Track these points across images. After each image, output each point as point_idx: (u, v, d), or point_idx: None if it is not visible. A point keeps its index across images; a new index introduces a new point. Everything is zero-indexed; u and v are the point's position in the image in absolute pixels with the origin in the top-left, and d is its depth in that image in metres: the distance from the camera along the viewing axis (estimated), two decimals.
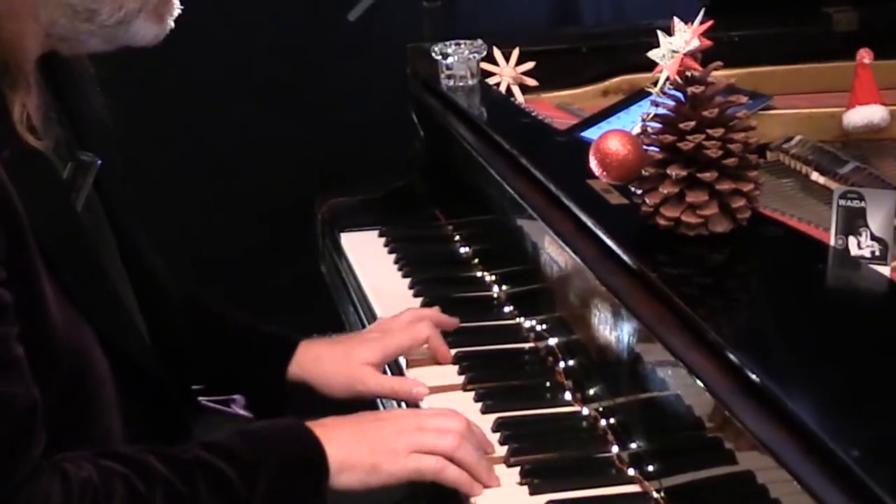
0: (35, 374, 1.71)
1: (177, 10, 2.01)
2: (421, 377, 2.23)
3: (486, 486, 1.91)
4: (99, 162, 2.00)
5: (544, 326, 2.33)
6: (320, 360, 2.25)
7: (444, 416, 1.99)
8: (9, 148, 1.76)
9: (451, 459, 1.91)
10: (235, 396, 2.36)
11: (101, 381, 1.88)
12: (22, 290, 1.72)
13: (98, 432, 1.87)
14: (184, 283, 2.33)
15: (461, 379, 2.22)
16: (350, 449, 1.90)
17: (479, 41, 2.95)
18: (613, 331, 1.98)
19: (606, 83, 3.06)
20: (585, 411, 2.09)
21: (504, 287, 2.57)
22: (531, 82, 2.95)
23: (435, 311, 2.40)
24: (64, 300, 1.82)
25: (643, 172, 1.98)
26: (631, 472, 1.90)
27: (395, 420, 2.01)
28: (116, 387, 1.91)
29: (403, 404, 2.23)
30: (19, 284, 1.72)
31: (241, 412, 2.34)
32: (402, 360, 2.32)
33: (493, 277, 2.62)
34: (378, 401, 2.34)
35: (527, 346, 2.35)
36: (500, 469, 1.95)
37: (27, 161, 1.81)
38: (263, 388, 2.30)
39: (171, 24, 2.01)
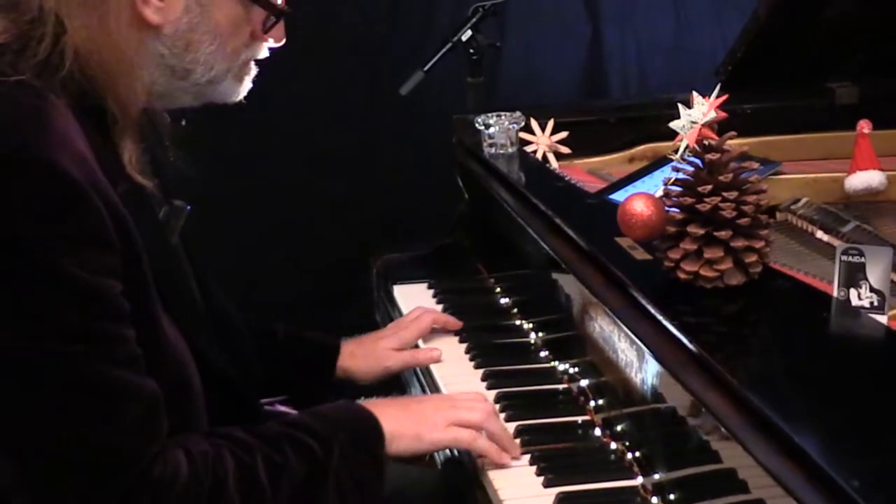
0: (151, 376, 1.80)
1: (254, 71, 2.06)
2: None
3: (510, 455, 2.07)
4: (188, 207, 2.05)
5: (576, 369, 2.33)
6: (354, 355, 2.46)
7: (473, 398, 2.15)
8: (124, 183, 1.82)
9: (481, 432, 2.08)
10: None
11: (197, 391, 1.93)
12: (139, 305, 1.79)
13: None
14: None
15: (502, 416, 2.21)
16: (398, 421, 2.03)
17: (518, 113, 2.95)
18: (638, 373, 1.98)
19: (632, 151, 3.05)
20: (613, 445, 2.09)
21: (540, 334, 2.56)
22: (565, 150, 2.95)
23: (438, 312, 2.67)
24: (167, 318, 1.88)
25: (665, 231, 1.99)
26: (654, 500, 1.90)
27: (433, 400, 2.23)
28: (207, 397, 1.96)
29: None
30: (136, 297, 1.78)
31: (283, 408, 2.38)
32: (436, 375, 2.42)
33: (531, 325, 2.61)
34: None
35: (560, 387, 2.34)
36: (539, 495, 1.96)
37: (135, 197, 1.86)
38: (314, 387, 2.45)
39: (250, 84, 2.06)
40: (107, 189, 1.75)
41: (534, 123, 2.96)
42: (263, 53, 2.06)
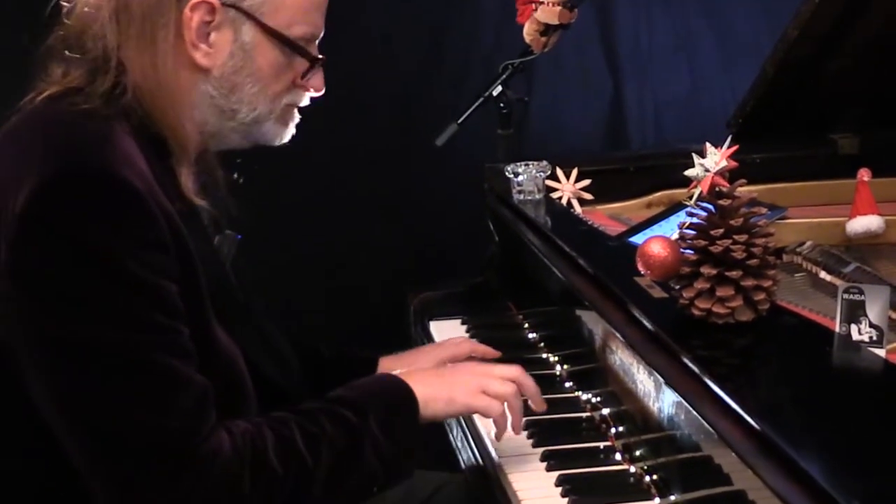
0: (203, 374, 1.84)
1: (297, 117, 2.09)
2: (502, 445, 2.22)
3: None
4: (239, 237, 2.08)
5: (598, 399, 2.33)
6: (391, 370, 2.35)
7: (506, 366, 2.16)
8: (179, 202, 1.88)
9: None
10: None
11: (249, 394, 1.97)
12: (192, 308, 1.84)
13: None
14: None
15: (530, 442, 2.23)
16: (432, 386, 2.06)
17: (545, 162, 2.95)
18: (656, 402, 1.98)
19: (650, 197, 3.05)
20: (632, 469, 2.09)
21: (565, 366, 2.56)
22: (587, 196, 2.95)
23: (478, 343, 2.53)
24: (219, 326, 1.92)
25: (681, 271, 2.00)
26: None
27: (467, 367, 2.24)
28: (259, 401, 1.99)
29: None
30: (190, 301, 1.84)
31: None
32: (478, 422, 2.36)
33: (556, 358, 2.61)
34: None
35: (584, 415, 2.34)
36: None
37: (190, 218, 1.92)
38: None
39: (294, 129, 2.09)
40: (165, 203, 1.82)
41: (559, 172, 2.97)
42: (305, 101, 2.08)
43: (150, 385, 1.78)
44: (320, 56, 2.04)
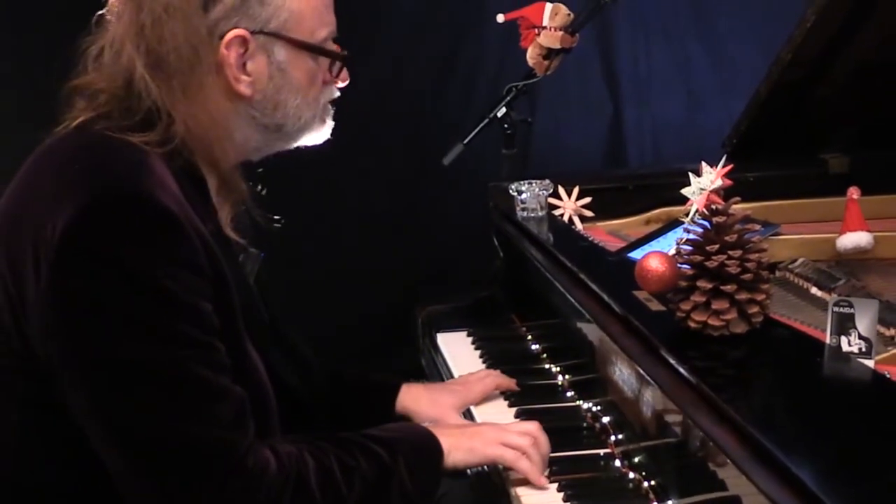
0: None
1: (332, 110, 2.08)
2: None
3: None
4: (262, 255, 2.09)
5: (598, 408, 2.32)
6: (419, 401, 2.39)
7: (526, 427, 2.16)
8: (210, 226, 1.87)
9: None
10: None
11: (272, 408, 1.97)
12: (227, 326, 1.85)
13: None
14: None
15: None
16: (454, 437, 2.08)
17: (547, 181, 2.95)
18: (653, 411, 1.98)
19: (648, 214, 3.04)
20: (631, 475, 2.08)
21: (567, 376, 2.55)
22: (588, 213, 2.94)
23: (499, 373, 2.52)
24: (249, 343, 1.93)
25: (678, 285, 1.99)
26: None
27: (488, 424, 2.23)
28: (280, 415, 2.00)
29: None
30: (225, 319, 1.84)
31: None
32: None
33: (558, 369, 2.60)
34: None
35: (584, 423, 2.34)
36: None
37: (221, 239, 1.93)
38: (372, 422, 2.35)
39: (332, 123, 2.07)
40: (199, 226, 1.82)
41: (561, 190, 2.96)
42: (336, 94, 2.07)
43: (191, 398, 1.78)
44: (343, 50, 2.03)
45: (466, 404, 2.42)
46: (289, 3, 1.93)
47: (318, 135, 2.06)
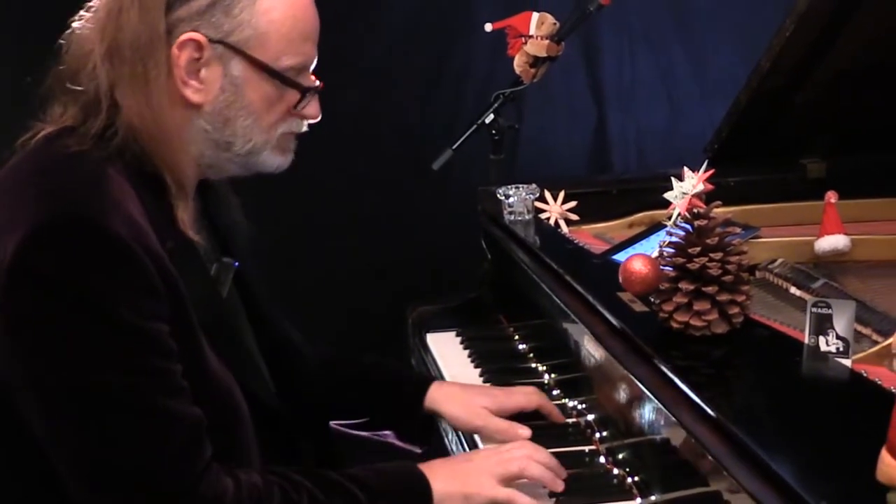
0: (196, 404, 1.79)
1: (294, 144, 2.00)
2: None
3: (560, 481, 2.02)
4: (236, 264, 2.05)
5: (584, 405, 2.33)
6: (452, 399, 2.27)
7: (517, 449, 2.05)
8: (172, 240, 1.83)
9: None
10: (387, 431, 2.32)
11: (244, 418, 1.92)
12: (185, 344, 1.80)
13: (243, 461, 1.90)
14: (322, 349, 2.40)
15: None
16: (448, 483, 1.95)
17: (534, 185, 2.95)
18: (637, 409, 1.98)
19: (632, 217, 3.03)
20: (616, 471, 2.09)
21: (553, 375, 2.55)
22: (574, 217, 2.94)
23: (545, 396, 2.35)
24: (215, 355, 1.88)
25: (660, 286, 2.00)
26: None
27: (479, 457, 2.06)
28: (255, 425, 1.95)
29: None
30: (183, 340, 1.79)
31: (395, 442, 2.32)
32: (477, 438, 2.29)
33: (544, 368, 2.60)
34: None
35: (570, 420, 2.34)
36: None
37: (186, 253, 1.88)
38: (403, 420, 2.31)
39: (292, 156, 2.00)
40: (155, 246, 1.76)
41: (547, 194, 2.96)
42: (303, 128, 2.00)
43: (145, 424, 1.73)
44: (314, 85, 1.96)
45: (502, 411, 2.25)
46: (255, 22, 1.87)
47: (274, 164, 1.98)
